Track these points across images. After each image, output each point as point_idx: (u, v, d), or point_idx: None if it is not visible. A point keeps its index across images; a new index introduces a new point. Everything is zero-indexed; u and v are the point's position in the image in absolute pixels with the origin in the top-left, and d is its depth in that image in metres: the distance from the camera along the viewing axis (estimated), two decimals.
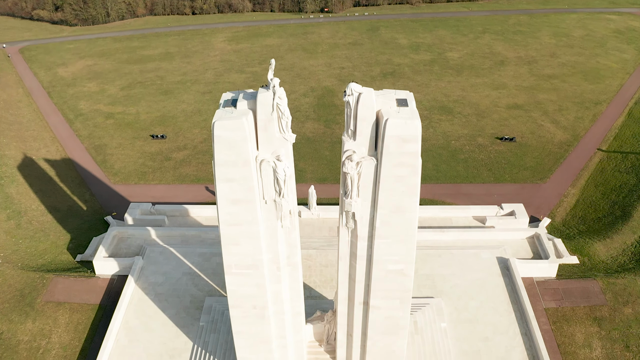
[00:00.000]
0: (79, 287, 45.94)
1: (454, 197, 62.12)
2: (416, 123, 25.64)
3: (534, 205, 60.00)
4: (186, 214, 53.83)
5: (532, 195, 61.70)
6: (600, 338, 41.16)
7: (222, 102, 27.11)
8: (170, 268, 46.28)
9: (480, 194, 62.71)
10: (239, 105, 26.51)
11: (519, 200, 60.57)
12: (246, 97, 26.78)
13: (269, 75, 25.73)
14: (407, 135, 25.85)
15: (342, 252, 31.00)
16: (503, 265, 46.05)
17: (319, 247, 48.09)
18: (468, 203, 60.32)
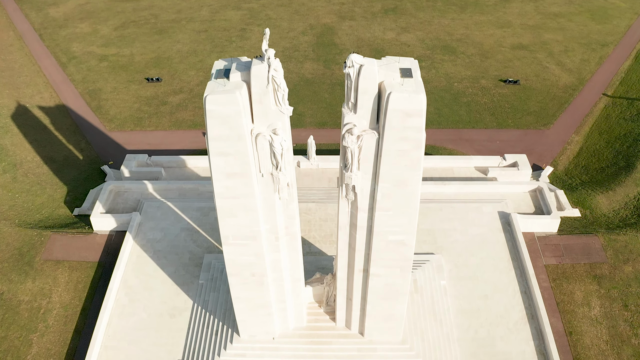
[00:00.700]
0: (77, 245, 45.21)
1: (456, 143, 60.46)
2: (421, 97, 23.69)
3: (536, 152, 58.44)
4: (183, 165, 52.38)
5: (535, 142, 59.98)
6: (599, 296, 40.79)
7: (214, 73, 24.99)
8: (168, 224, 45.34)
9: (483, 139, 60.99)
10: (232, 77, 24.41)
11: (522, 147, 59.03)
12: (239, 67, 24.62)
13: (264, 45, 23.52)
14: (411, 110, 23.98)
15: (341, 222, 29.80)
16: (504, 221, 45.10)
17: (318, 200, 46.99)
18: (470, 149, 58.82)
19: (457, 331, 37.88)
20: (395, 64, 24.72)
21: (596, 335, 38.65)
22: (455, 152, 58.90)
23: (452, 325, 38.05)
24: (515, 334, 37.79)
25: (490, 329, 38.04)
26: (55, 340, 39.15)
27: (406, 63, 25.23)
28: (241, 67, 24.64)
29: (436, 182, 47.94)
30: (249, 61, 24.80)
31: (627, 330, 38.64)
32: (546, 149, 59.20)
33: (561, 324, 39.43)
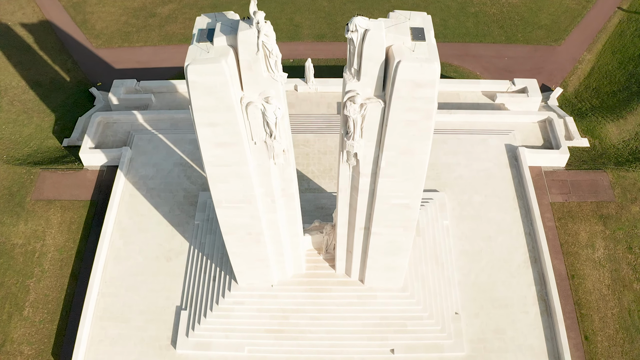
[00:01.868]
0: (67, 182, 42.82)
1: (462, 59, 56.08)
2: (434, 66, 20.14)
3: (546, 71, 54.35)
4: (174, 90, 48.63)
5: (545, 59, 55.59)
6: (604, 238, 39.21)
7: (196, 33, 21.11)
8: (160, 158, 42.65)
9: (490, 55, 56.54)
10: (217, 41, 20.60)
11: (531, 65, 54.86)
12: (225, 30, 20.69)
13: (252, 7, 19.54)
14: (422, 80, 20.54)
15: (342, 186, 27.25)
16: (511, 155, 42.42)
17: (317, 130, 43.96)
18: (476, 66, 54.68)
19: (458, 275, 36.71)
20: (405, 22, 20.82)
21: (598, 278, 37.57)
22: (461, 69, 54.82)
23: (454, 268, 36.81)
24: (517, 278, 36.66)
25: (491, 273, 36.84)
26: (52, 285, 38.09)
27: (418, 20, 21.29)
28: (227, 28, 20.72)
29: (441, 111, 44.59)
30: (235, 21, 20.83)
31: (629, 274, 37.48)
32: (556, 68, 54.98)
33: (564, 267, 38.24)
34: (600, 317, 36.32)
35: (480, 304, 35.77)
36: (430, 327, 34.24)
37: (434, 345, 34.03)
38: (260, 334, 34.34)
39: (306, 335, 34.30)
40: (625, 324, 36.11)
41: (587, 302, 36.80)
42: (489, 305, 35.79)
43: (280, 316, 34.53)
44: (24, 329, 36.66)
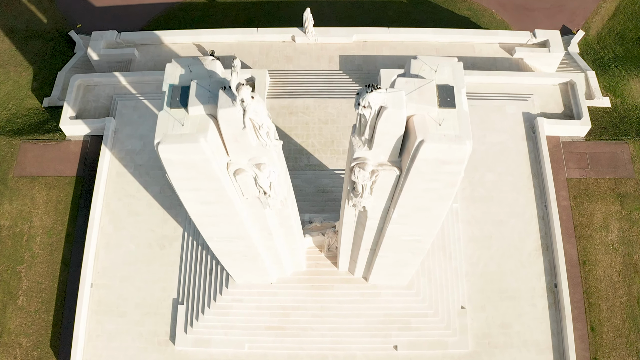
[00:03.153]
0: (50, 155, 38.69)
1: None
2: (465, 147, 15.74)
3: (568, 9, 47.65)
4: (159, 42, 42.70)
5: None
6: (619, 218, 36.09)
7: (167, 93, 16.34)
8: (147, 129, 38.12)
9: None
10: (193, 109, 15.97)
11: (553, 1, 48.10)
12: (202, 95, 15.90)
13: (233, 81, 14.76)
14: (449, 159, 16.23)
15: (346, 221, 23.59)
16: (529, 125, 37.90)
17: (318, 94, 38.93)
18: (492, 2, 47.83)
19: (465, 265, 34.12)
20: (430, 82, 16.07)
21: (610, 264, 35.08)
22: (475, 5, 48.05)
23: (462, 257, 34.14)
24: (527, 268, 34.14)
25: (501, 262, 34.27)
26: (43, 272, 35.65)
27: (446, 73, 16.49)
28: (204, 93, 15.96)
29: None
30: (215, 82, 15.99)
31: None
32: (579, 6, 48.13)
33: (576, 252, 35.57)
34: (608, 307, 34.37)
35: (487, 296, 33.59)
36: (435, 324, 32.32)
37: (438, 342, 32.34)
38: (261, 331, 32.54)
39: (307, 332, 32.51)
40: (632, 313, 34.26)
41: (597, 290, 34.66)
42: (497, 298, 33.63)
43: (280, 313, 32.51)
44: (20, 319, 34.85)
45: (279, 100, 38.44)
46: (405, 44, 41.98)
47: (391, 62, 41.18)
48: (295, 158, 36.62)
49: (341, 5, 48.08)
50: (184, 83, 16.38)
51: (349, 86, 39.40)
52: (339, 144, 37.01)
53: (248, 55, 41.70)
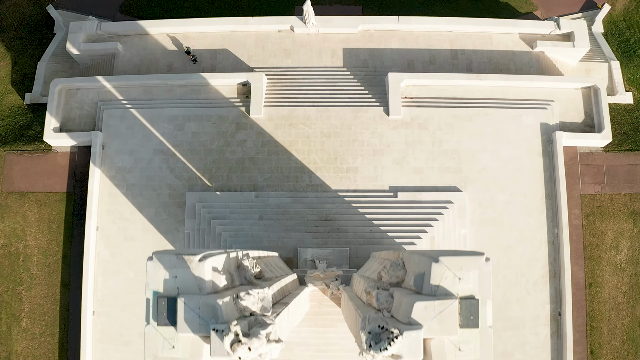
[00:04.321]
0: (38, 169, 34.90)
1: None
2: None
3: None
4: (144, 32, 36.93)
5: None
6: (630, 237, 33.43)
7: (153, 309, 12.93)
8: (136, 143, 33.96)
9: None
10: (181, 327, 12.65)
11: None
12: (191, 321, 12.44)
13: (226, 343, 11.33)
14: None
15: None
16: (546, 138, 33.68)
17: (320, 101, 34.17)
18: None
19: None
20: (452, 303, 12.72)
21: (616, 285, 33.06)
22: None
23: None
24: (533, 296, 32.16)
25: (506, 290, 32.20)
26: (44, 294, 33.64)
27: (471, 278, 13.14)
28: (193, 315, 12.58)
29: (469, 76, 34.34)
30: (208, 306, 12.55)
31: None
32: None
33: (583, 274, 33.38)
34: (609, 329, 32.96)
35: None
36: None
37: None
38: None
39: None
40: (632, 335, 32.98)
41: (600, 312, 33.02)
42: (500, 327, 32.02)
43: (284, 348, 31.12)
44: (26, 341, 33.56)
45: (277, 109, 33.91)
46: (415, 35, 36.38)
47: (400, 57, 35.94)
48: (297, 177, 33.07)
49: None
50: (170, 292, 13.02)
51: (353, 90, 34.56)
52: (343, 161, 33.26)
53: (242, 48, 36.27)
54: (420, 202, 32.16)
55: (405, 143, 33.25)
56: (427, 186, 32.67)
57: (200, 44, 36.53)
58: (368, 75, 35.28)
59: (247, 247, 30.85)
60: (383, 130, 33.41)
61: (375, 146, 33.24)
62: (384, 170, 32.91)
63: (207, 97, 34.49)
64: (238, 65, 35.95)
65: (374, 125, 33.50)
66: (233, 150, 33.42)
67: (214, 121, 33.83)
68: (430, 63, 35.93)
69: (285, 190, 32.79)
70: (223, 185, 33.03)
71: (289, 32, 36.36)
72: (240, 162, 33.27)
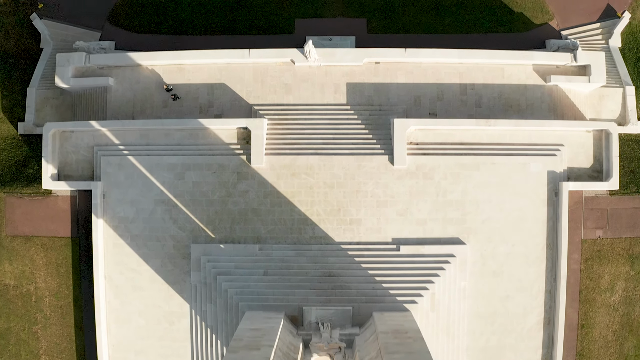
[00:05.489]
0: (40, 213, 33.06)
1: None
2: None
3: None
4: (134, 64, 33.05)
5: None
6: (626, 279, 32.61)
7: None
8: (137, 193, 31.70)
9: None
10: None
11: None
12: None
13: None
14: None
15: None
16: (552, 187, 31.47)
17: (323, 148, 31.38)
18: None
19: (467, 339, 31.75)
20: None
21: (607, 325, 32.82)
22: None
23: (465, 333, 31.77)
24: (527, 342, 31.92)
25: (501, 337, 31.88)
26: (59, 334, 33.40)
27: None
28: None
29: (478, 122, 31.31)
30: None
31: (639, 318, 32.73)
32: None
33: (577, 316, 32.97)
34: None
35: None
36: None
37: None
38: None
39: None
40: None
41: (589, 351, 33.17)
42: None
43: None
44: None
45: (279, 157, 31.33)
46: (423, 67, 32.70)
47: (406, 92, 32.61)
48: (300, 229, 31.44)
49: None
50: None
51: (357, 135, 31.74)
52: (346, 213, 31.40)
53: (240, 83, 32.79)
54: (423, 255, 30.95)
55: (410, 194, 31.24)
56: (430, 238, 31.26)
57: (196, 78, 33.01)
58: (373, 115, 32.29)
59: (254, 305, 30.30)
60: (387, 180, 31.24)
61: (379, 197, 31.27)
62: (388, 222, 31.25)
63: (206, 143, 31.80)
64: (236, 101, 32.77)
65: (378, 175, 31.25)
66: (235, 201, 31.50)
67: (214, 170, 31.50)
68: (438, 99, 32.74)
69: (289, 242, 31.38)
70: (227, 237, 31.55)
71: (289, 64, 32.72)
72: (243, 214, 31.49)
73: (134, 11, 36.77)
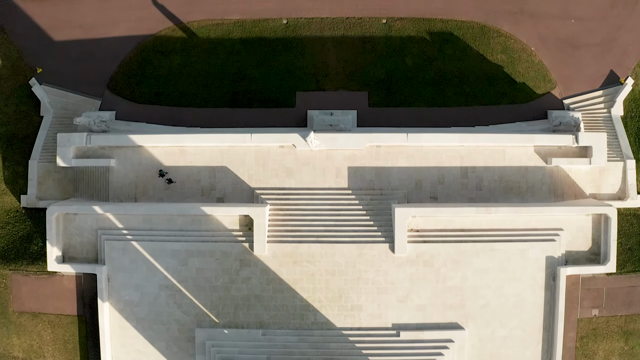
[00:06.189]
0: (45, 291, 32.74)
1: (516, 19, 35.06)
2: None
3: (619, 45, 35.15)
4: (134, 144, 32.11)
5: (622, 23, 35.19)
6: (620, 354, 32.54)
7: None
8: (141, 278, 31.27)
9: (553, 14, 35.18)
10: None
11: (604, 32, 35.30)
12: None
13: None
14: None
15: None
16: (550, 272, 30.98)
17: (324, 236, 30.68)
18: (532, 33, 35.15)
19: None
20: None
21: None
22: (511, 41, 35.14)
23: None
24: None
25: None
26: None
27: None
28: None
29: (478, 208, 30.69)
30: None
31: None
32: (634, 39, 35.28)
33: None
34: None
35: None
36: None
37: None
38: None
39: None
40: None
41: None
42: None
43: None
44: None
45: (281, 245, 30.79)
46: (424, 151, 31.89)
47: (407, 176, 31.91)
48: (302, 315, 31.12)
49: (349, 52, 35.33)
50: None
51: (358, 221, 31.18)
52: (347, 299, 31.03)
53: (241, 166, 32.04)
54: (422, 341, 30.78)
55: (410, 281, 30.87)
56: (429, 323, 31.02)
57: (198, 160, 32.22)
58: (374, 200, 31.65)
59: None
60: (388, 268, 30.80)
61: (380, 284, 30.89)
62: (388, 308, 30.94)
63: (208, 229, 31.23)
64: (238, 184, 32.08)
65: (379, 263, 30.78)
66: (238, 287, 31.13)
67: (217, 257, 31.00)
68: (439, 182, 32.03)
69: (291, 327, 31.14)
70: (230, 322, 31.28)
71: (291, 147, 31.88)
72: (246, 300, 31.15)
73: (134, 80, 35.69)
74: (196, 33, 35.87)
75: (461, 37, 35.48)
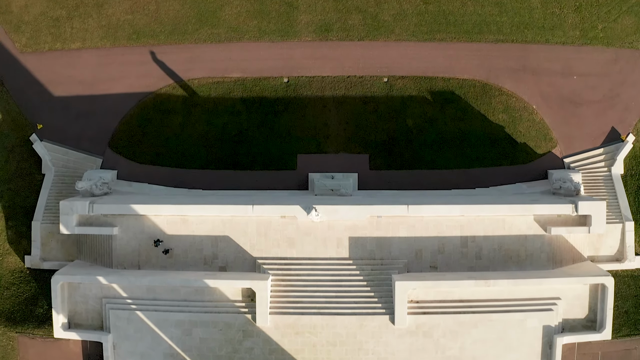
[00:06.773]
0: (53, 354, 32.64)
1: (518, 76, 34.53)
2: None
3: (622, 99, 34.56)
4: (139, 214, 31.68)
5: (626, 78, 34.45)
6: None
7: None
8: (146, 346, 31.12)
9: (555, 70, 34.58)
10: None
11: (608, 87, 34.75)
12: None
13: None
14: None
15: None
16: (547, 341, 30.86)
17: (326, 307, 30.26)
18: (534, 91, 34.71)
19: None
20: None
21: None
22: (513, 99, 34.52)
23: None
24: None
25: None
26: None
27: None
28: None
29: (477, 282, 30.36)
30: None
31: None
32: (637, 94, 34.58)
33: None
34: None
35: None
36: None
37: None
38: None
39: None
40: None
41: None
42: None
43: None
44: None
45: (283, 317, 30.59)
46: (425, 221, 31.37)
47: (407, 246, 31.49)
48: None
49: (351, 113, 34.57)
50: None
51: (359, 293, 30.93)
52: None
53: (243, 236, 31.57)
54: None
55: (409, 351, 30.77)
56: None
57: (200, 229, 31.74)
58: (375, 270, 31.30)
59: None
60: (388, 339, 30.66)
61: (380, 354, 30.76)
62: None
63: (212, 299, 30.97)
64: (240, 254, 31.71)
65: (379, 334, 30.62)
66: (242, 357, 31.01)
67: (220, 328, 30.83)
68: (439, 252, 31.68)
69: None
70: None
71: (292, 217, 31.41)
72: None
73: (135, 139, 35.05)
74: (197, 91, 34.99)
75: (462, 96, 34.65)
